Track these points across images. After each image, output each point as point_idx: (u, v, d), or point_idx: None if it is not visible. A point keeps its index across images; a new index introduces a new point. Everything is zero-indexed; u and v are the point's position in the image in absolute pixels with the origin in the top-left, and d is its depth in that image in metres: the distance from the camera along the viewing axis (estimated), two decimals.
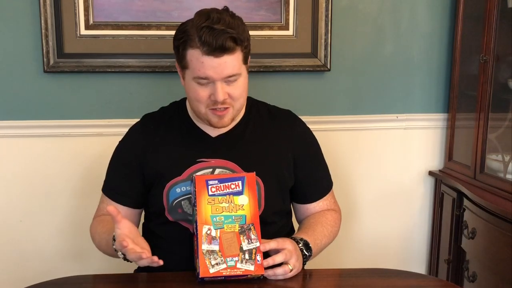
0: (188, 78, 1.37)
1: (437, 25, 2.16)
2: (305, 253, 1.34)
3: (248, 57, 1.40)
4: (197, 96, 1.36)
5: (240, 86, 1.37)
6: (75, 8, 1.92)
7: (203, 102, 1.36)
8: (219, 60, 1.30)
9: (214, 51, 1.29)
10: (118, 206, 1.47)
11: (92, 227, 1.50)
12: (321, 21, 2.04)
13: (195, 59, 1.32)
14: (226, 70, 1.32)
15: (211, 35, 1.28)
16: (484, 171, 1.93)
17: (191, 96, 1.38)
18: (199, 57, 1.31)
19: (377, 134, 2.20)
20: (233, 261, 1.24)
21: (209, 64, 1.30)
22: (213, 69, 1.31)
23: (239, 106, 1.41)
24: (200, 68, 1.31)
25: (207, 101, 1.36)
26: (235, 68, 1.33)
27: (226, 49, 1.29)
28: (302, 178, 1.51)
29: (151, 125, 1.49)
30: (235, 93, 1.36)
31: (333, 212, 1.55)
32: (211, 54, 1.29)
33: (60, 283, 1.31)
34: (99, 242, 1.45)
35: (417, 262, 2.32)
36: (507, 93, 1.91)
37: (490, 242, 1.79)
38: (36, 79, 1.97)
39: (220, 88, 1.33)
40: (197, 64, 1.32)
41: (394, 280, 1.34)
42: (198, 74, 1.32)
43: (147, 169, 1.45)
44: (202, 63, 1.31)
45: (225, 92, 1.34)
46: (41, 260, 2.08)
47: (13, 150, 2.01)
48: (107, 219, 1.46)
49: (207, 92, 1.35)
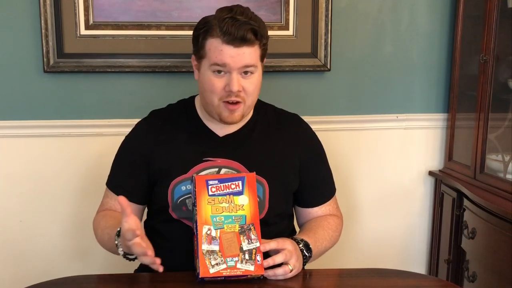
0: (205, 68, 1.37)
1: (437, 25, 2.16)
2: (305, 254, 1.34)
3: (264, 56, 1.41)
4: (212, 86, 1.36)
5: (254, 81, 1.38)
6: (75, 8, 1.92)
7: (217, 93, 1.36)
8: (238, 50, 1.32)
9: (234, 41, 1.31)
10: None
11: (95, 221, 1.49)
12: (321, 21, 2.04)
13: (214, 47, 1.33)
14: (244, 60, 1.33)
15: (233, 25, 1.30)
16: (484, 171, 1.93)
17: (206, 87, 1.38)
18: (218, 45, 1.33)
19: (377, 134, 2.20)
20: (233, 261, 1.24)
21: (228, 52, 1.32)
22: (231, 58, 1.32)
23: (250, 103, 1.41)
24: (218, 55, 1.33)
25: (221, 92, 1.36)
26: (253, 59, 1.35)
27: (246, 40, 1.32)
28: (306, 182, 1.51)
29: (158, 122, 1.49)
30: (249, 87, 1.37)
31: (335, 217, 1.56)
32: (231, 44, 1.32)
33: (60, 283, 1.31)
34: (101, 236, 1.43)
35: (417, 262, 2.32)
36: (507, 93, 1.91)
37: (490, 242, 1.79)
38: (36, 79, 1.97)
39: (235, 78, 1.34)
40: (215, 51, 1.33)
41: (394, 280, 1.34)
42: (215, 60, 1.34)
43: (152, 166, 1.44)
44: (221, 51, 1.32)
45: (240, 84, 1.35)
46: (41, 260, 2.08)
47: (13, 150, 2.01)
48: (111, 214, 1.46)
49: (222, 83, 1.35)
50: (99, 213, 1.51)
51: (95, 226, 1.48)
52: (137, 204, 1.49)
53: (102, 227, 1.43)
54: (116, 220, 1.40)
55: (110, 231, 1.37)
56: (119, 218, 1.39)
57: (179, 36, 1.97)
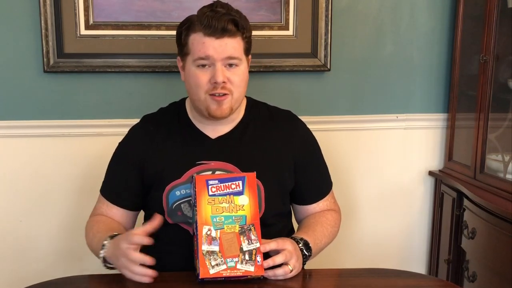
0: (189, 64, 1.39)
1: (437, 25, 2.16)
2: (305, 253, 1.34)
3: (249, 50, 1.42)
4: (197, 80, 1.37)
5: (240, 74, 1.39)
6: (75, 8, 1.92)
7: (202, 87, 1.37)
8: (220, 41, 1.34)
9: (215, 32, 1.33)
10: (113, 207, 1.49)
11: (88, 224, 1.49)
12: (321, 21, 2.03)
13: (196, 41, 1.35)
14: (227, 51, 1.34)
15: (213, 17, 1.33)
16: (484, 171, 1.93)
17: (191, 83, 1.39)
18: (200, 38, 1.35)
19: (377, 134, 2.20)
20: (233, 262, 1.23)
21: (210, 44, 1.34)
22: (213, 49, 1.34)
23: (238, 95, 1.40)
24: (201, 48, 1.34)
25: (207, 85, 1.37)
26: (236, 51, 1.36)
27: (227, 31, 1.33)
28: (302, 180, 1.51)
29: (151, 127, 1.49)
30: (235, 79, 1.37)
31: (333, 212, 1.55)
32: (212, 35, 1.33)
33: (60, 283, 1.31)
34: (91, 239, 1.43)
35: (417, 262, 2.32)
36: (507, 93, 1.91)
37: (490, 242, 1.79)
38: (36, 79, 1.97)
39: (220, 69, 1.35)
40: (198, 45, 1.35)
41: (394, 280, 1.34)
42: (199, 54, 1.35)
43: (146, 172, 1.44)
44: (204, 44, 1.34)
45: (224, 75, 1.36)
46: (41, 260, 2.08)
47: (13, 150, 2.01)
48: (105, 220, 1.47)
49: (207, 76, 1.36)
50: (92, 218, 1.51)
51: (87, 229, 1.48)
52: (132, 210, 1.50)
53: (94, 231, 1.43)
54: (109, 227, 1.42)
55: (101, 235, 1.37)
56: (113, 226, 1.43)
57: None
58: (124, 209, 1.49)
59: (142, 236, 1.22)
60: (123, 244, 1.22)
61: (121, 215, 1.49)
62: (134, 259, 1.21)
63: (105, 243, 1.31)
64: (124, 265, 1.23)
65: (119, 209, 1.48)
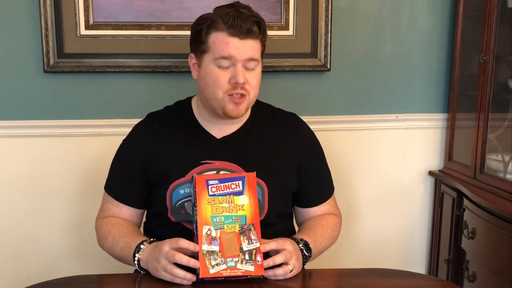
0: (208, 62, 1.37)
1: (437, 25, 2.16)
2: (305, 254, 1.35)
3: (263, 53, 1.42)
4: (217, 79, 1.36)
5: (257, 75, 1.39)
6: (75, 8, 1.92)
7: (222, 86, 1.36)
8: (244, 42, 1.34)
9: (240, 33, 1.33)
10: (123, 207, 1.48)
11: (101, 228, 1.48)
12: (321, 21, 2.03)
13: (219, 40, 1.34)
14: (249, 52, 1.35)
15: (238, 17, 1.33)
16: (484, 171, 1.93)
17: (209, 81, 1.38)
18: (224, 37, 1.34)
19: (377, 134, 2.20)
20: (233, 262, 1.23)
21: (234, 44, 1.33)
22: (237, 49, 1.33)
23: (253, 96, 1.41)
24: (224, 48, 1.34)
25: (226, 85, 1.36)
26: (256, 53, 1.37)
27: (252, 33, 1.34)
28: (305, 183, 1.51)
29: (155, 125, 1.48)
30: (253, 81, 1.38)
31: (334, 216, 1.56)
32: (237, 36, 1.33)
33: (60, 283, 1.31)
34: (112, 244, 1.42)
35: (417, 262, 2.32)
36: (507, 93, 1.91)
37: (490, 242, 1.79)
38: (36, 79, 1.97)
39: (241, 70, 1.35)
40: (221, 44, 1.34)
41: (394, 280, 1.34)
42: (221, 53, 1.34)
43: (150, 169, 1.44)
44: (227, 43, 1.33)
45: (245, 77, 1.36)
46: (41, 260, 2.08)
47: (13, 150, 2.01)
48: (120, 222, 1.46)
49: (227, 76, 1.36)
50: (103, 220, 1.49)
51: (102, 233, 1.46)
52: (136, 208, 1.49)
53: (114, 235, 1.42)
54: (130, 229, 1.43)
55: (127, 239, 1.37)
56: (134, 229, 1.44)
57: (179, 36, 1.97)
58: (134, 208, 1.48)
59: (187, 241, 1.24)
60: (166, 247, 1.24)
61: (131, 214, 1.49)
62: (180, 261, 1.22)
63: (142, 247, 1.32)
64: (165, 267, 1.23)
65: (129, 208, 1.48)
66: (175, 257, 1.22)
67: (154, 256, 1.26)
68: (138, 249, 1.32)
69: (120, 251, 1.39)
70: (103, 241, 1.46)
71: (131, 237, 1.37)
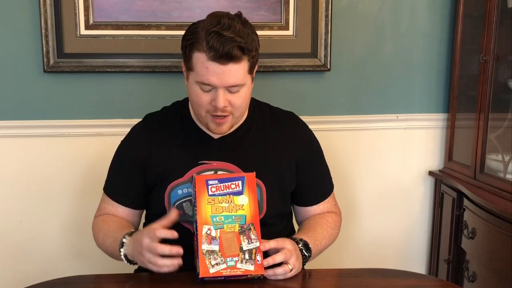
0: (192, 81, 1.36)
1: (437, 25, 2.16)
2: (304, 254, 1.34)
3: (254, 66, 1.38)
4: (199, 100, 1.36)
5: (242, 96, 1.36)
6: (75, 8, 1.92)
7: (204, 106, 1.36)
8: (224, 67, 1.29)
9: (220, 58, 1.28)
10: (119, 207, 1.48)
11: (96, 225, 1.49)
12: (321, 21, 2.04)
13: (200, 63, 1.31)
14: (230, 79, 1.31)
15: (218, 41, 1.26)
16: (484, 171, 1.93)
17: (193, 99, 1.39)
18: (204, 61, 1.29)
19: (377, 134, 2.20)
20: (233, 261, 1.24)
21: (214, 70, 1.29)
22: (216, 76, 1.30)
23: (239, 114, 1.40)
24: (204, 74, 1.30)
25: (207, 106, 1.35)
26: (239, 78, 1.32)
27: (232, 57, 1.28)
28: (303, 182, 1.51)
29: (153, 125, 1.49)
30: (236, 102, 1.35)
31: (334, 214, 1.55)
32: (217, 61, 1.28)
33: (60, 283, 1.31)
34: (103, 240, 1.43)
35: (417, 262, 2.32)
36: (507, 93, 1.91)
37: (490, 242, 1.79)
38: (36, 79, 1.97)
39: (222, 95, 1.32)
40: (201, 69, 1.31)
41: (394, 280, 1.34)
42: (201, 79, 1.32)
43: (148, 170, 1.44)
44: (207, 69, 1.30)
45: (226, 100, 1.33)
46: (41, 260, 2.08)
47: (13, 150, 2.01)
48: (112, 218, 1.47)
49: (209, 98, 1.34)
50: (98, 218, 1.50)
51: (96, 230, 1.48)
52: (134, 209, 1.50)
53: (104, 230, 1.43)
54: (120, 225, 1.42)
55: (115, 234, 1.37)
56: (123, 224, 1.43)
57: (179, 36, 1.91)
58: (128, 208, 1.49)
59: (165, 230, 1.23)
60: (146, 240, 1.22)
61: (127, 213, 1.49)
62: (163, 252, 1.20)
63: (125, 241, 1.31)
64: (150, 260, 1.22)
65: (125, 209, 1.48)
66: (157, 249, 1.20)
67: (138, 250, 1.25)
68: (122, 244, 1.31)
69: (110, 247, 1.39)
70: (96, 238, 1.47)
71: (118, 232, 1.36)
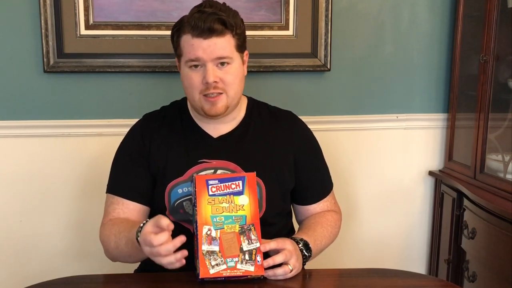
0: (182, 65, 1.40)
1: (437, 25, 2.16)
2: (304, 254, 1.34)
3: (242, 46, 1.41)
4: (190, 81, 1.38)
5: (233, 72, 1.38)
6: (75, 8, 1.92)
7: (196, 87, 1.37)
8: (208, 41, 1.34)
9: (203, 33, 1.33)
10: (130, 203, 1.42)
11: (104, 232, 1.41)
12: (321, 21, 2.03)
13: (186, 43, 1.36)
14: (216, 51, 1.34)
15: (200, 18, 1.33)
16: (484, 171, 1.93)
17: (186, 84, 1.40)
18: (189, 40, 1.35)
19: (377, 134, 2.20)
20: (233, 262, 1.23)
21: (199, 45, 1.34)
22: (202, 50, 1.34)
23: (233, 93, 1.40)
24: (190, 50, 1.35)
25: (199, 85, 1.37)
26: (226, 50, 1.36)
27: (214, 31, 1.33)
28: (302, 180, 1.51)
29: (152, 124, 1.48)
30: (226, 78, 1.37)
31: (334, 213, 1.55)
32: (200, 36, 1.33)
33: (60, 283, 1.31)
34: (116, 242, 1.34)
35: (417, 262, 2.32)
36: (507, 93, 1.91)
37: (490, 242, 1.79)
38: (36, 79, 1.97)
39: (211, 69, 1.35)
40: (188, 47, 1.36)
41: (394, 280, 1.34)
42: (189, 56, 1.36)
43: (151, 164, 1.44)
44: (192, 45, 1.34)
45: (216, 75, 1.36)
46: (41, 260, 2.08)
47: (13, 150, 2.01)
48: (121, 220, 1.40)
49: (200, 76, 1.36)
50: (106, 224, 1.42)
51: (105, 236, 1.40)
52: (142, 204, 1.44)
53: (115, 233, 1.36)
54: (130, 224, 1.35)
55: (127, 234, 1.29)
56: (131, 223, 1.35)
57: None
58: (136, 202, 1.42)
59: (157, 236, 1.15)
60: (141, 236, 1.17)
61: (138, 211, 1.43)
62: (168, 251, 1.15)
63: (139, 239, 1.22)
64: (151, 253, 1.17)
65: (135, 205, 1.42)
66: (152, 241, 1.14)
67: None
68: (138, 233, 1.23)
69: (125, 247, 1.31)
70: (108, 246, 1.39)
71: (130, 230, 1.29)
